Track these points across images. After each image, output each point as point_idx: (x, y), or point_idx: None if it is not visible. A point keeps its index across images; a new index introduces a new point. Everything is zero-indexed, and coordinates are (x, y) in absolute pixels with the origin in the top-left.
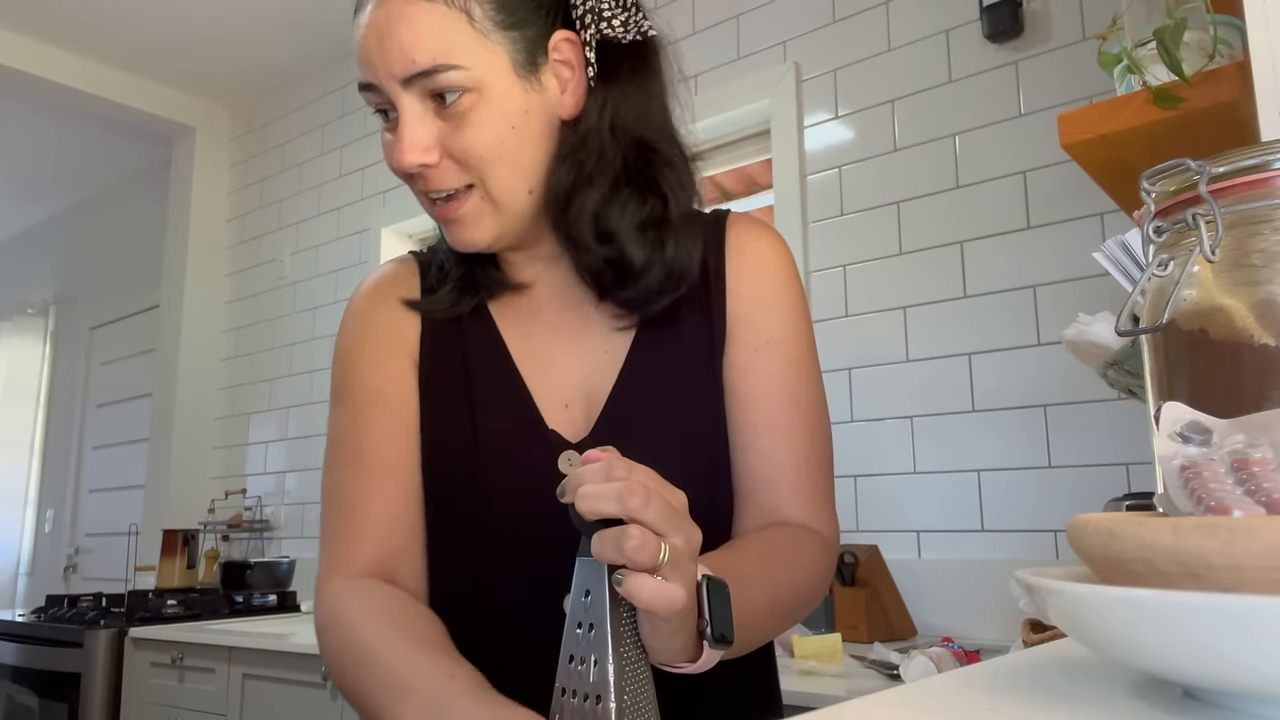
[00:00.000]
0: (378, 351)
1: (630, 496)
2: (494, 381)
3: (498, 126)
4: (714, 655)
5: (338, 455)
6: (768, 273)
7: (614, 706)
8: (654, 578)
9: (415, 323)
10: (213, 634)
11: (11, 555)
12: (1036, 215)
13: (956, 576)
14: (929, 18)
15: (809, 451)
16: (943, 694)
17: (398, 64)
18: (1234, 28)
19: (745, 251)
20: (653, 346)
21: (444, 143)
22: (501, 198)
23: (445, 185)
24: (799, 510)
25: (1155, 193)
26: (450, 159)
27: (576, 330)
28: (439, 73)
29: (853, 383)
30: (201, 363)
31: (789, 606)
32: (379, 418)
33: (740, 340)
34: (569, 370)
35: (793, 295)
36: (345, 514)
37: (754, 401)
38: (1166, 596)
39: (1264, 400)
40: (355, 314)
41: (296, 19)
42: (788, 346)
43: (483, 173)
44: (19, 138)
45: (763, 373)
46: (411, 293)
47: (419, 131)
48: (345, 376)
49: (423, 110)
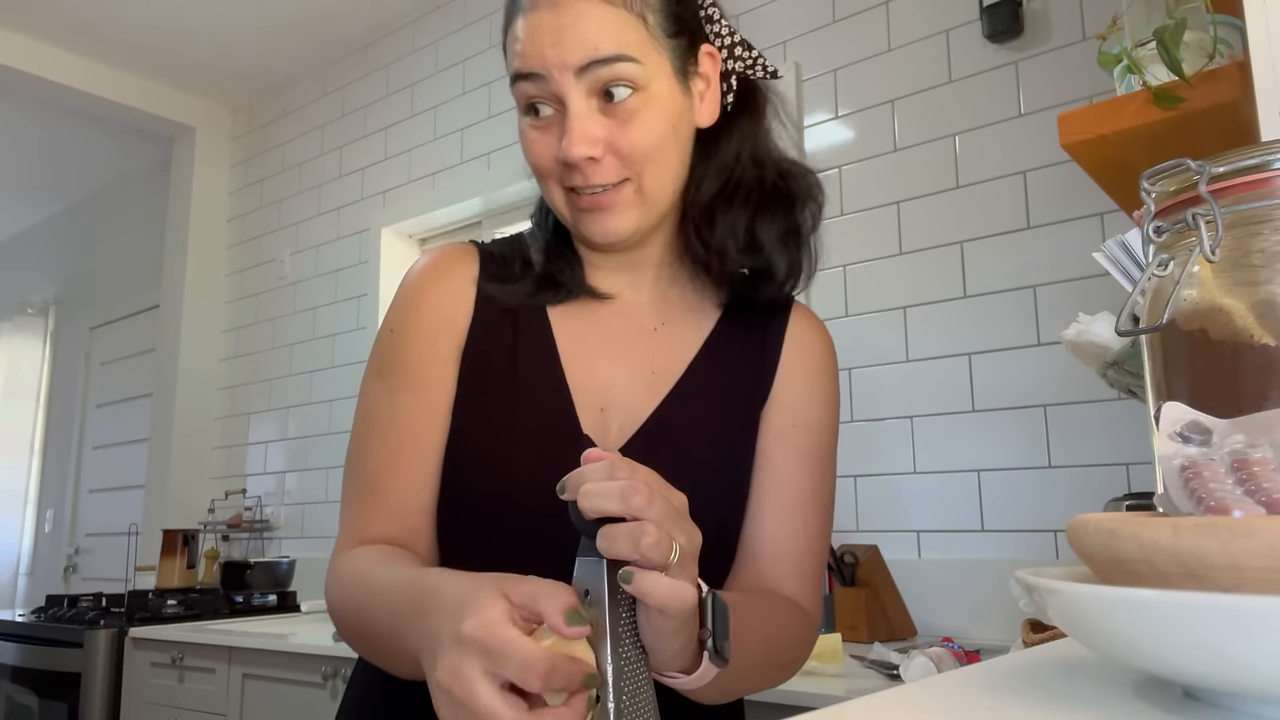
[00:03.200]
0: (427, 332)
1: (633, 495)
2: (537, 378)
3: (661, 125)
4: (710, 671)
5: (368, 430)
6: (821, 364)
7: (614, 706)
8: (666, 576)
9: (468, 308)
10: (213, 634)
11: (11, 555)
12: (1036, 215)
13: (956, 576)
14: (929, 18)
15: (816, 539)
16: (943, 694)
17: (575, 53)
18: (1234, 28)
19: (804, 340)
20: (703, 382)
21: (610, 137)
22: (653, 194)
23: (604, 180)
24: (795, 587)
25: (1155, 193)
26: (613, 154)
27: (630, 345)
28: (619, 61)
29: (853, 383)
30: (201, 363)
31: (774, 663)
32: (415, 399)
33: (781, 411)
34: (612, 379)
35: (835, 395)
36: (366, 488)
37: (781, 474)
38: (1167, 596)
39: (1264, 400)
40: (408, 291)
41: (297, 19)
42: (822, 435)
43: (641, 169)
44: (19, 138)
45: (795, 450)
46: (469, 275)
47: (589, 124)
48: (390, 354)
49: (588, 105)
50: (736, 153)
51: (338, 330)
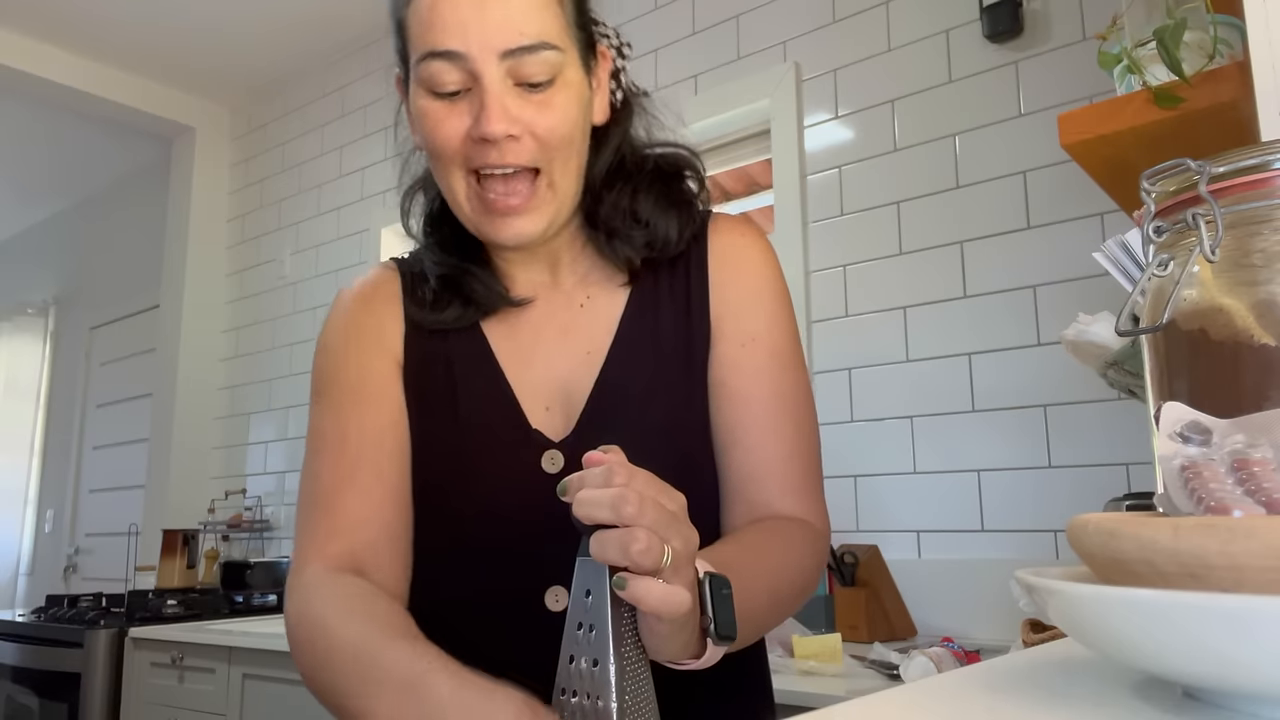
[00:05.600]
0: (362, 351)
1: (623, 505)
2: (478, 383)
3: (575, 113)
4: (718, 651)
5: (316, 448)
6: (749, 269)
7: (614, 706)
8: (659, 581)
9: (399, 326)
10: (213, 634)
11: (11, 555)
12: (1036, 215)
13: (956, 576)
14: (929, 18)
15: (795, 444)
16: (943, 694)
17: (499, 36)
18: (1234, 28)
19: (726, 251)
20: (632, 347)
21: (528, 119)
22: (562, 186)
23: (518, 161)
24: (788, 503)
25: (1155, 193)
26: (530, 135)
27: (562, 330)
28: (543, 50)
29: (853, 383)
30: (201, 363)
31: (785, 597)
32: (361, 413)
33: (725, 337)
34: (551, 371)
35: (774, 290)
36: (319, 505)
37: (740, 398)
38: (1166, 596)
39: (1264, 400)
40: (340, 315)
41: (297, 19)
42: (772, 340)
43: (553, 156)
44: (19, 138)
45: (748, 368)
46: (395, 298)
47: (508, 102)
48: (328, 373)
49: (505, 84)
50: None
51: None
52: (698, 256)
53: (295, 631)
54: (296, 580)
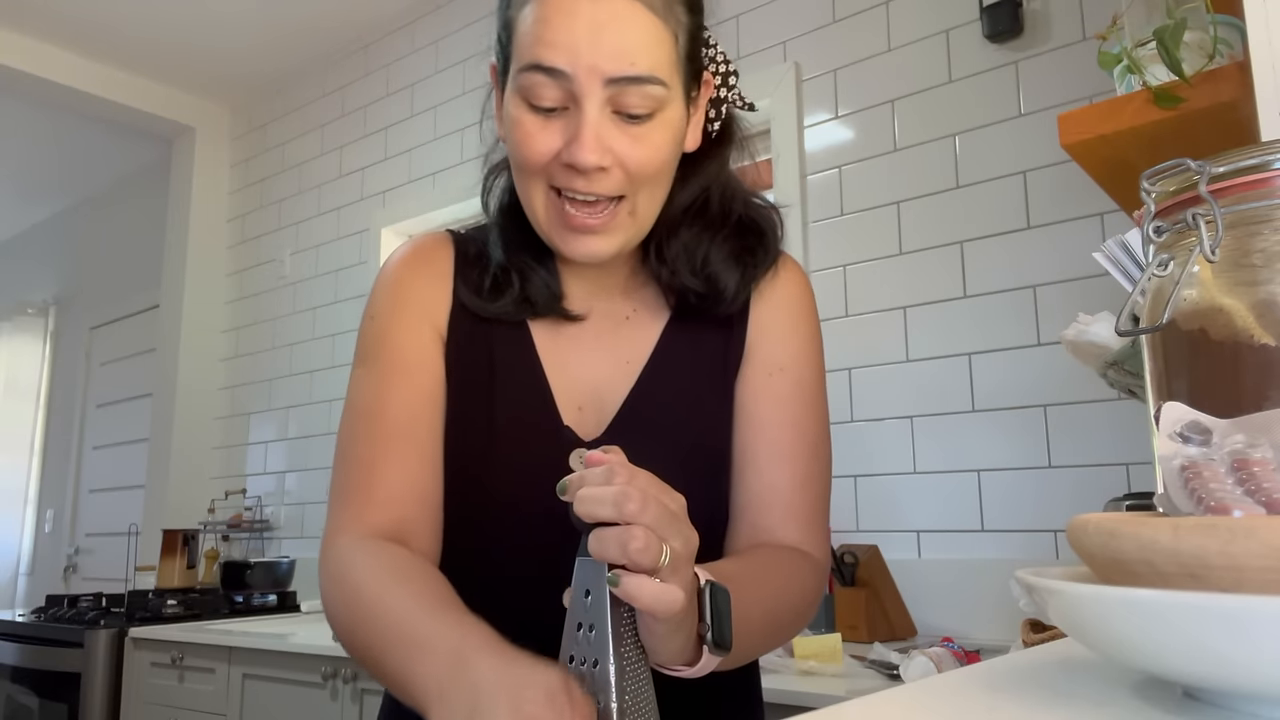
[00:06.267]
0: (409, 319)
1: (626, 502)
2: (516, 374)
3: (670, 148)
4: (712, 661)
5: (357, 415)
6: (787, 303)
7: (614, 707)
8: (653, 580)
9: (447, 302)
10: (213, 634)
11: (11, 555)
12: (1036, 215)
13: (956, 576)
14: (929, 18)
15: (806, 475)
16: (943, 694)
17: (612, 62)
18: (1234, 28)
19: (774, 291)
20: (671, 361)
21: (621, 151)
22: (644, 215)
23: (604, 191)
24: (792, 532)
25: (1155, 193)
26: (620, 168)
27: (603, 338)
28: (649, 84)
29: (853, 383)
30: (201, 363)
31: (782, 623)
32: (403, 384)
33: (755, 364)
34: (588, 373)
35: (808, 325)
36: (359, 474)
37: (759, 423)
38: (1166, 597)
39: (1264, 400)
40: (389, 279)
41: (297, 19)
42: (799, 371)
43: (640, 188)
44: (19, 138)
45: (771, 397)
46: (446, 274)
47: (604, 133)
48: (373, 339)
49: (603, 113)
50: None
51: (338, 330)
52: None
53: (332, 592)
54: (331, 545)
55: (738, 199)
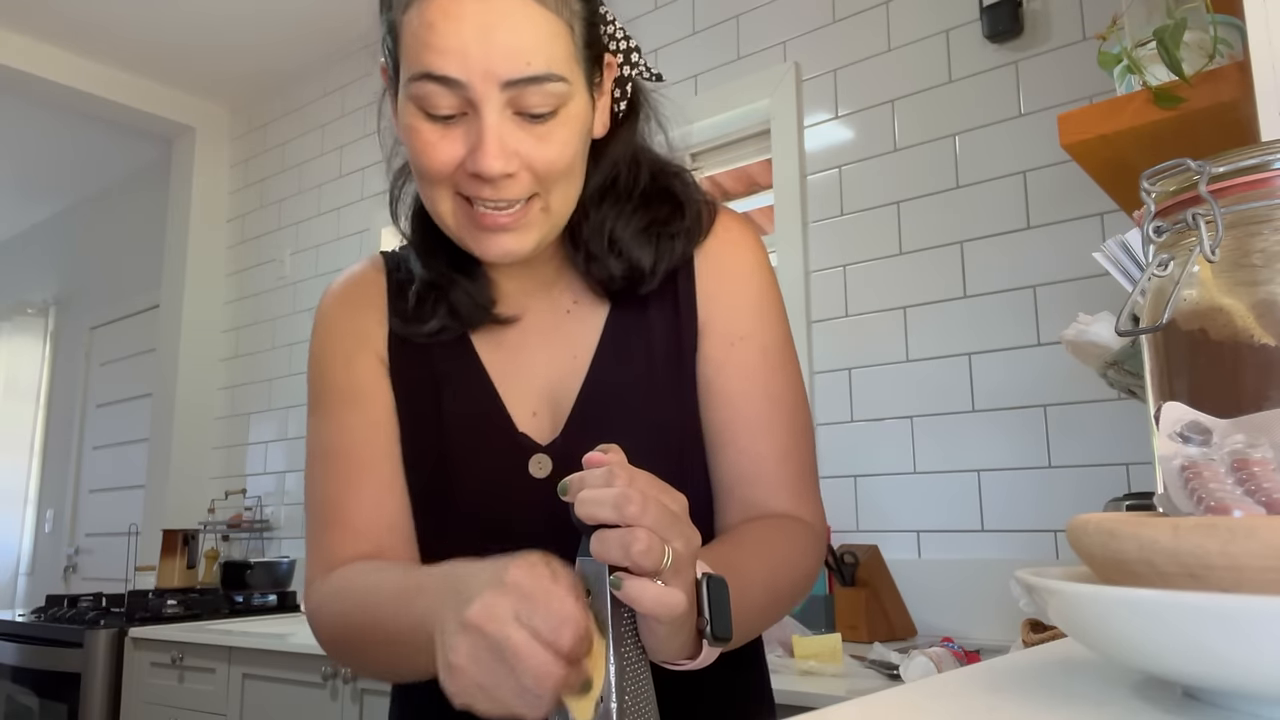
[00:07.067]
0: (347, 353)
1: (627, 504)
2: (464, 389)
3: (577, 143)
4: (713, 652)
5: (316, 458)
6: (737, 267)
7: (614, 707)
8: (655, 582)
9: (383, 327)
10: (213, 634)
11: (11, 555)
12: (1036, 215)
13: (956, 576)
14: (929, 18)
15: (788, 443)
16: (943, 694)
17: (505, 64)
18: (1234, 28)
19: (717, 254)
20: (619, 349)
21: (526, 153)
22: (558, 210)
23: (513, 196)
24: (783, 502)
25: (1155, 193)
26: (527, 170)
27: (546, 333)
28: (549, 82)
29: (853, 383)
30: (201, 363)
31: (783, 595)
32: (356, 418)
33: (713, 337)
34: (537, 374)
35: (763, 288)
36: (329, 512)
37: (730, 398)
38: (1166, 597)
39: (1264, 400)
40: (323, 319)
41: (297, 19)
42: (761, 338)
43: (552, 186)
44: (19, 138)
45: (738, 368)
46: (379, 303)
47: (508, 139)
48: (318, 382)
49: (503, 115)
50: (616, 159)
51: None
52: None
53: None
54: (312, 591)
55: (644, 170)
